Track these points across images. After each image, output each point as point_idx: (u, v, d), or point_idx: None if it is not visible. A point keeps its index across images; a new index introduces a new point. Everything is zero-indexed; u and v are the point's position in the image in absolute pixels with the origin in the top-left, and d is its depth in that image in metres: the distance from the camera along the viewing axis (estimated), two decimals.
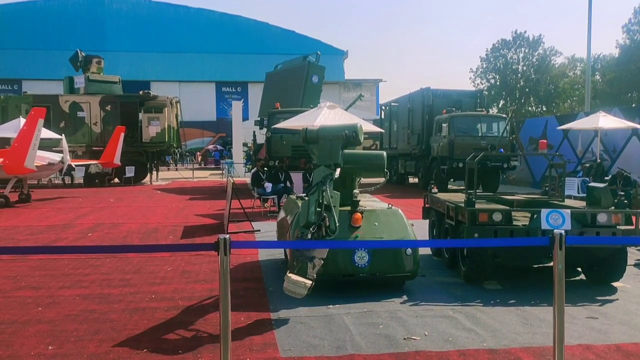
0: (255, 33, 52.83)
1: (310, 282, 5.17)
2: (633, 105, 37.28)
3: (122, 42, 49.94)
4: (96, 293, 6.28)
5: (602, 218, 6.32)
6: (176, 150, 26.74)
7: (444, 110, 19.89)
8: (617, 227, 6.32)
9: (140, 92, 25.17)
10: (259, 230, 10.74)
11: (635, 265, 7.81)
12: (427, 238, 8.87)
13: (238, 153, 31.91)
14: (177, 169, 34.23)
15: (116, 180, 24.35)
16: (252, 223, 11.21)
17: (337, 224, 5.53)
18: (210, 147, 48.01)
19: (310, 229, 5.38)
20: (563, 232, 3.63)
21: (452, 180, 20.12)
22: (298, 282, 5.11)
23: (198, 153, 46.24)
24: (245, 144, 32.83)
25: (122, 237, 10.21)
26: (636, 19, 44.30)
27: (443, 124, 19.22)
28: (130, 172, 23.49)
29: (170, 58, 50.48)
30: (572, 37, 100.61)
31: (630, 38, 44.48)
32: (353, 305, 5.69)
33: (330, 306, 5.64)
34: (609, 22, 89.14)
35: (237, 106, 32.62)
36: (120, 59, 45.56)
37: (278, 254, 8.19)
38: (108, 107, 24.16)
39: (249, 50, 51.18)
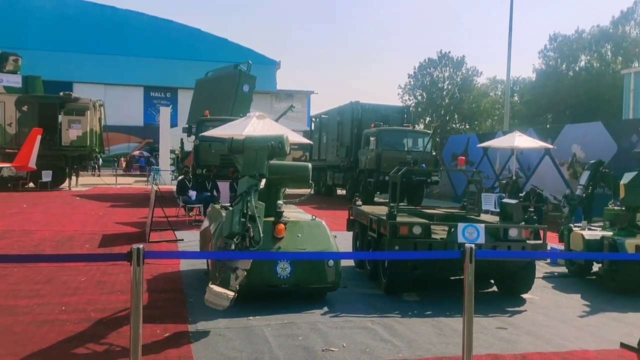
0: (187, 39, 51.84)
1: (233, 293, 5.11)
2: (548, 126, 39.71)
3: (45, 41, 47.37)
4: (0, 304, 5.87)
5: (513, 232, 6.67)
6: (98, 155, 25.65)
7: (372, 124, 20.34)
8: (527, 241, 6.69)
9: (61, 94, 24.01)
10: (182, 240, 10.48)
11: (544, 277, 8.29)
12: (351, 250, 9.01)
13: (165, 160, 31.10)
14: (99, 175, 32.83)
15: (31, 184, 22.99)
16: (175, 232, 10.92)
17: (262, 235, 5.52)
18: (136, 153, 46.44)
19: (234, 240, 5.33)
20: (473, 246, 3.79)
21: (379, 193, 20.55)
22: (220, 293, 5.04)
23: (122, 159, 44.58)
24: (172, 151, 32.06)
25: (33, 245, 9.64)
26: (551, 46, 47.40)
27: (371, 138, 19.64)
28: (47, 176, 22.26)
29: (95, 59, 48.43)
30: (494, 60, 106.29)
31: (546, 63, 47.52)
32: (274, 316, 5.66)
33: (251, 318, 5.58)
34: (527, 47, 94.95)
35: (165, 112, 31.83)
36: (41, 58, 43.11)
37: (200, 264, 8.02)
38: (24, 108, 22.84)
39: (180, 56, 50.11)
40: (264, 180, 5.96)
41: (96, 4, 51.74)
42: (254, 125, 12.07)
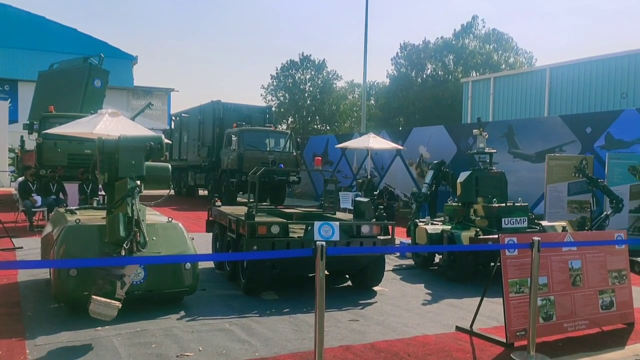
0: (28, 26, 46.99)
1: (119, 302, 4.92)
2: (400, 128, 42.47)
3: None
4: None
5: (365, 229, 7.05)
6: None
7: (234, 124, 20.26)
8: (378, 237, 7.11)
9: None
10: (22, 248, 9.55)
11: (393, 270, 8.88)
12: (211, 251, 8.87)
13: (3, 160, 28.13)
14: None
15: None
16: (13, 239, 9.90)
17: (147, 238, 5.38)
18: None
19: (124, 245, 5.12)
20: (324, 243, 3.94)
21: (241, 193, 20.50)
22: (108, 303, 4.82)
23: None
24: (12, 150, 29.11)
25: None
26: (402, 54, 50.79)
27: (233, 138, 19.52)
28: None
29: None
30: (352, 64, 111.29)
31: (397, 70, 50.82)
32: (125, 325, 5.38)
33: (99, 328, 5.24)
34: (381, 54, 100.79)
35: (2, 106, 28.78)
36: None
37: (43, 273, 7.37)
38: None
39: (20, 45, 45.41)
40: (139, 182, 5.72)
41: None
42: (107, 123, 11.40)
